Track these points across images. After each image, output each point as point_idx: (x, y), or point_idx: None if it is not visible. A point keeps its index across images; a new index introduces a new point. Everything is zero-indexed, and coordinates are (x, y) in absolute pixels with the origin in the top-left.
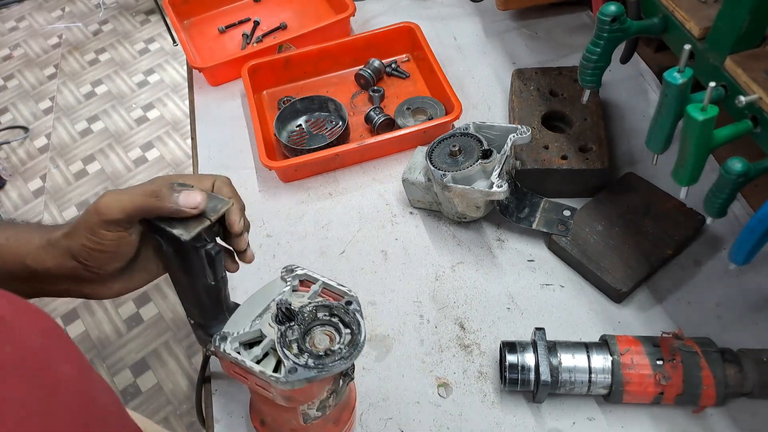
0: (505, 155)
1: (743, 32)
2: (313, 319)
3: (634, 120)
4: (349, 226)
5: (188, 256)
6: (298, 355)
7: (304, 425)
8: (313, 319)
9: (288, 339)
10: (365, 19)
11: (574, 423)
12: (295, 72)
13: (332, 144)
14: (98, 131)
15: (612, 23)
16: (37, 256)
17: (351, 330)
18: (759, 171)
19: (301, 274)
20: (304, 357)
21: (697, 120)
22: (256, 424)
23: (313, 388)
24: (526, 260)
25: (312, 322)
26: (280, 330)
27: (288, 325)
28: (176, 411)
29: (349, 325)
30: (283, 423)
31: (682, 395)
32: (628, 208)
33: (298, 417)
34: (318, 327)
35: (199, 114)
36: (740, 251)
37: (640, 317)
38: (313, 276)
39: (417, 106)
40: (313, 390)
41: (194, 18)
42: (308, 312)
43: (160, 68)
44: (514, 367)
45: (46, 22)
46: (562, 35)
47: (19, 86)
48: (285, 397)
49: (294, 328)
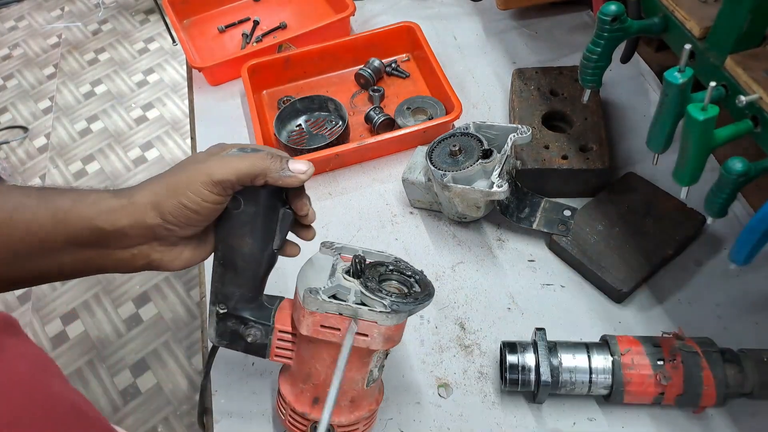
0: (506, 155)
1: (744, 32)
2: (379, 275)
3: (635, 120)
4: (349, 226)
5: (268, 216)
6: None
7: (365, 389)
8: (379, 275)
9: (371, 287)
10: (365, 18)
11: (575, 423)
12: (294, 72)
13: (332, 144)
14: (98, 131)
15: (612, 23)
16: (110, 215)
17: (415, 278)
18: (759, 171)
19: (340, 247)
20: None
21: (698, 120)
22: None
23: (402, 327)
24: (527, 260)
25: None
26: (361, 282)
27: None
28: (176, 411)
29: (411, 275)
30: (348, 389)
31: (682, 395)
32: (628, 208)
33: (366, 378)
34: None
35: (199, 114)
36: (741, 251)
37: (640, 317)
38: (351, 247)
39: (417, 106)
40: (402, 330)
41: (194, 17)
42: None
43: (160, 68)
44: (514, 368)
45: (46, 22)
46: (563, 35)
47: (19, 86)
48: (387, 337)
49: (371, 278)
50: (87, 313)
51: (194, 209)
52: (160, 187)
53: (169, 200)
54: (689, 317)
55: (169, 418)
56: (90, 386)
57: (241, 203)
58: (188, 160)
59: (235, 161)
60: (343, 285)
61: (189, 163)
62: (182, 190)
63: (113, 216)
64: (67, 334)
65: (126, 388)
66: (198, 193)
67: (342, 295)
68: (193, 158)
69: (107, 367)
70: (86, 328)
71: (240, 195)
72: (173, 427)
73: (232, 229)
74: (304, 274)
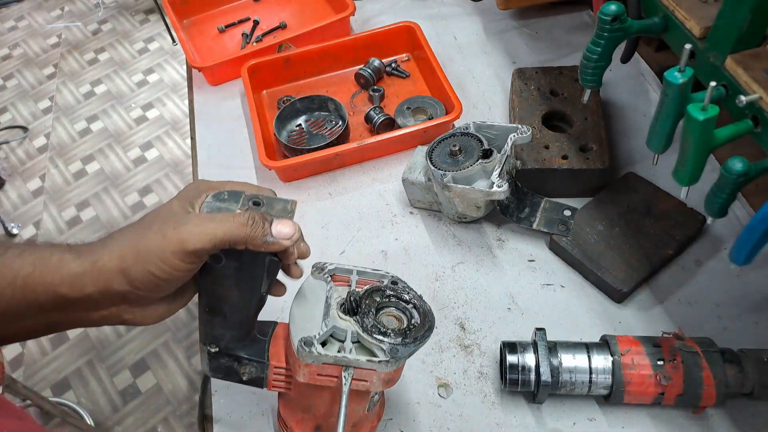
0: (506, 155)
1: (744, 32)
2: (376, 304)
3: (635, 120)
4: (349, 226)
5: (252, 266)
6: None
7: (367, 413)
8: (376, 304)
9: (368, 326)
10: (365, 18)
11: (575, 423)
12: (294, 71)
13: (332, 144)
14: (97, 131)
15: (612, 22)
16: (74, 282)
17: (413, 304)
18: (759, 171)
19: (332, 268)
20: (390, 337)
21: (698, 120)
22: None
23: (402, 368)
24: (527, 260)
25: (377, 306)
26: (356, 320)
27: (361, 313)
28: (176, 411)
29: (409, 300)
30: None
31: (682, 395)
32: (628, 208)
33: (366, 405)
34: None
35: (199, 114)
36: (741, 251)
37: (640, 317)
38: (345, 267)
39: (417, 106)
40: (401, 370)
41: (194, 17)
42: (369, 299)
43: (160, 68)
44: (514, 368)
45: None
46: (563, 34)
47: (19, 86)
48: (386, 381)
49: (368, 315)
50: None
51: (165, 278)
52: (128, 251)
53: (137, 267)
54: (689, 317)
55: (168, 418)
56: (90, 386)
57: (222, 259)
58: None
59: (210, 227)
60: (338, 326)
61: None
62: (151, 259)
63: (78, 282)
64: (67, 335)
65: (126, 388)
66: (168, 263)
67: (339, 335)
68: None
69: (107, 367)
70: (86, 329)
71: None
72: (173, 427)
73: (215, 282)
74: (297, 309)
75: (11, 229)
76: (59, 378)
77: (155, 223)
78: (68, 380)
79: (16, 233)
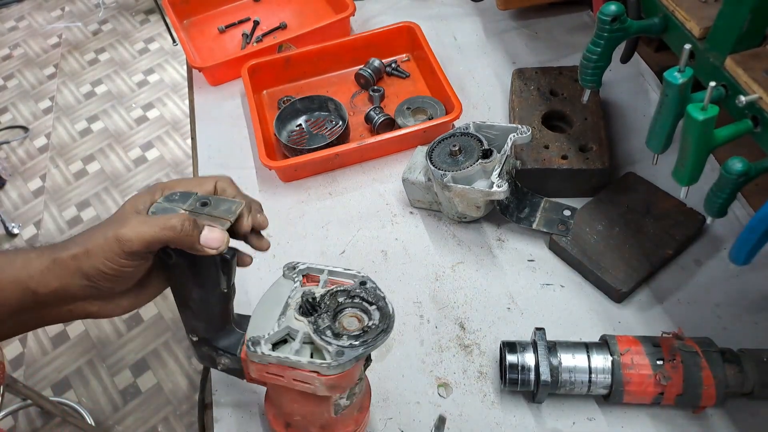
0: (506, 155)
1: (744, 32)
2: (336, 305)
3: (635, 120)
4: (349, 226)
5: (203, 265)
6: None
7: (335, 417)
8: (336, 305)
9: (321, 327)
10: (365, 18)
11: (574, 423)
12: (295, 72)
13: (332, 144)
14: (98, 131)
15: (612, 23)
16: (41, 278)
17: (377, 305)
18: (759, 171)
19: (304, 268)
20: (343, 340)
21: (698, 120)
22: (279, 429)
23: (353, 371)
24: (527, 260)
25: (337, 307)
26: (310, 321)
27: (316, 315)
28: (176, 411)
29: (373, 302)
30: (314, 419)
31: (682, 395)
32: (628, 208)
33: (330, 409)
34: (344, 311)
35: (199, 114)
36: (740, 251)
37: (640, 317)
38: (317, 267)
39: (417, 106)
40: (352, 374)
41: (194, 18)
42: (329, 299)
43: (160, 68)
44: (514, 367)
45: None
46: (563, 35)
47: (19, 86)
48: (330, 386)
49: (323, 316)
50: None
51: (113, 274)
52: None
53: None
54: (689, 317)
55: (169, 417)
56: (90, 386)
57: (172, 256)
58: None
59: (143, 229)
60: (292, 326)
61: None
62: (98, 257)
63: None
64: (67, 334)
65: (126, 387)
66: (112, 260)
67: (293, 335)
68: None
69: (107, 366)
70: (86, 328)
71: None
72: (173, 426)
73: (172, 278)
74: (260, 307)
75: (12, 229)
76: (60, 377)
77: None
78: (69, 380)
79: (16, 233)
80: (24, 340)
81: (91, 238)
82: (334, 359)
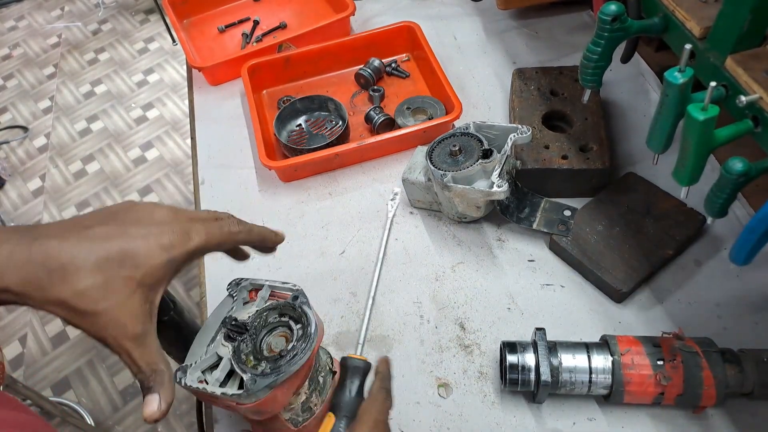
0: (506, 155)
1: (744, 32)
2: (264, 325)
3: (635, 120)
4: (349, 226)
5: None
6: (256, 365)
7: (298, 429)
8: (264, 325)
9: (243, 353)
10: (365, 18)
11: (575, 423)
12: (294, 71)
13: (332, 144)
14: (98, 131)
15: (613, 23)
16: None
17: (302, 323)
18: (759, 171)
19: (246, 284)
20: (262, 365)
21: (698, 120)
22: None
23: (277, 395)
24: (527, 260)
25: (264, 328)
26: (233, 347)
27: (240, 339)
28: (176, 411)
29: (298, 319)
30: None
31: (682, 395)
32: (628, 208)
33: (285, 424)
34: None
35: (199, 114)
36: (741, 251)
37: (640, 317)
38: (258, 282)
39: (417, 106)
40: (278, 398)
41: (194, 17)
42: (259, 319)
43: (160, 68)
44: (514, 368)
45: (46, 22)
46: (563, 35)
47: (19, 86)
48: (254, 411)
49: (246, 340)
50: None
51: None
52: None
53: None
54: (689, 317)
55: (169, 417)
56: (90, 386)
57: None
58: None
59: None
60: (220, 352)
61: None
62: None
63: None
64: (67, 334)
65: (126, 388)
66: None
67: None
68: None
69: (107, 367)
70: None
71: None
72: (173, 426)
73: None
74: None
75: None
76: (59, 377)
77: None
78: (68, 380)
79: None
80: (24, 340)
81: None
82: (247, 389)
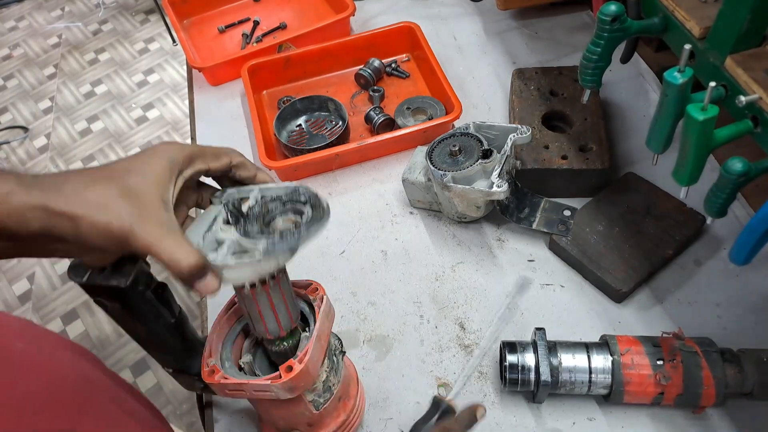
0: (506, 155)
1: (744, 32)
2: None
3: (635, 120)
4: (349, 226)
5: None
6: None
7: (319, 412)
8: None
9: (251, 231)
10: (365, 18)
11: (574, 423)
12: (295, 72)
13: (332, 144)
14: (98, 131)
15: (612, 23)
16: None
17: (310, 203)
18: (759, 171)
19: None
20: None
21: (698, 120)
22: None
23: (309, 369)
24: (527, 260)
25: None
26: (239, 228)
27: (245, 221)
28: (176, 411)
29: (306, 200)
30: (298, 420)
31: (682, 395)
32: (628, 208)
33: (309, 406)
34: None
35: (199, 114)
36: (740, 251)
37: (640, 317)
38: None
39: (417, 106)
40: (310, 373)
41: (194, 18)
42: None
43: (160, 68)
44: (514, 367)
45: (46, 22)
46: (563, 35)
47: (19, 86)
48: (288, 389)
49: (252, 221)
50: (87, 312)
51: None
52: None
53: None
54: (689, 317)
55: (169, 417)
56: None
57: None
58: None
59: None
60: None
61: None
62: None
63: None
64: (67, 334)
65: None
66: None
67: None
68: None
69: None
70: (86, 328)
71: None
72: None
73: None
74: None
75: None
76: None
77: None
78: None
79: None
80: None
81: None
82: (265, 253)
